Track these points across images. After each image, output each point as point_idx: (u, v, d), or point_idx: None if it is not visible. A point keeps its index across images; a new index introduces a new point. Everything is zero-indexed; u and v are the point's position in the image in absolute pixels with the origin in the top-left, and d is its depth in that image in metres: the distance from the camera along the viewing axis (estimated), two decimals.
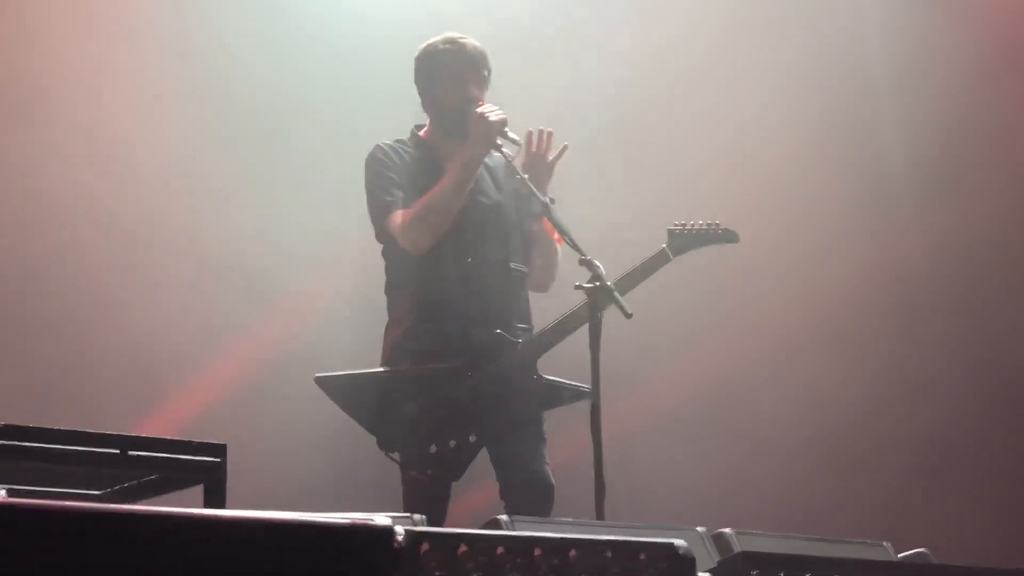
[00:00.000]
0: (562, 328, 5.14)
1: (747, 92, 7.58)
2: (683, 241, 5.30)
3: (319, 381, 5.14)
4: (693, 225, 5.33)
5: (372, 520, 1.74)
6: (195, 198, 7.00)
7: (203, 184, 7.02)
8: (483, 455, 5.18)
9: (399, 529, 2.35)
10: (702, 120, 7.53)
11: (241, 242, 7.03)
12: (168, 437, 2.85)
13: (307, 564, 1.70)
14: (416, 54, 5.37)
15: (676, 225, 5.32)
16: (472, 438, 5.11)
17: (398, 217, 5.14)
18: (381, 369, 5.21)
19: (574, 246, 4.85)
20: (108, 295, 6.77)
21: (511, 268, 5.28)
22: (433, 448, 5.06)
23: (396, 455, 5.10)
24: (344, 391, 5.14)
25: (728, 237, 5.40)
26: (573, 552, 2.88)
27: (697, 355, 7.52)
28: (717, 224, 5.38)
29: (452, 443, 5.08)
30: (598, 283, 4.75)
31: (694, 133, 7.49)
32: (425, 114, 5.37)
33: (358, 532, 1.73)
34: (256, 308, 7.04)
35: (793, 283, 7.55)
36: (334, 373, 5.18)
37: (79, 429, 2.71)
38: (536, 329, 5.27)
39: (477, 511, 5.49)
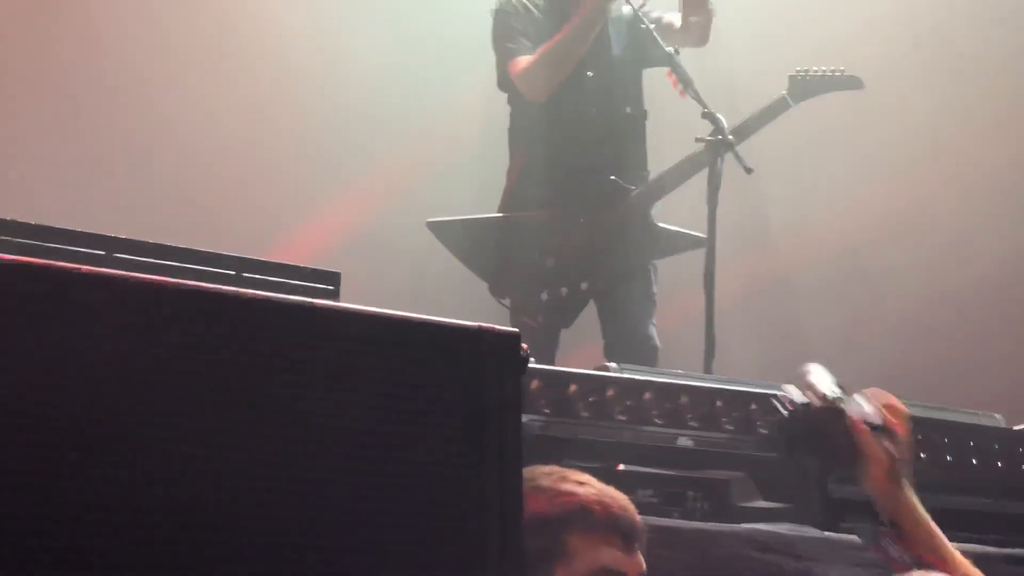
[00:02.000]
0: (677, 175, 5.07)
1: None
2: (804, 86, 5.15)
3: (431, 226, 5.16)
4: (815, 71, 5.17)
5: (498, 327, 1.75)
6: (323, 38, 6.97)
7: (327, 24, 6.98)
8: (593, 310, 5.16)
9: None
10: None
11: (367, 83, 7.00)
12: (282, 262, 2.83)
13: (435, 361, 1.71)
14: None
15: (798, 71, 5.17)
16: (584, 286, 5.09)
17: (520, 63, 5.11)
18: (493, 215, 5.20)
19: (697, 98, 4.80)
20: (230, 130, 6.79)
21: (627, 115, 5.23)
22: (544, 295, 5.06)
23: (507, 301, 5.10)
24: (456, 236, 5.16)
25: (851, 83, 5.22)
26: (684, 398, 2.87)
27: (816, 216, 7.39)
28: (841, 70, 5.20)
29: (563, 290, 5.07)
30: (720, 136, 4.70)
31: None
32: None
33: (486, 334, 1.72)
34: (380, 149, 7.02)
35: (922, 140, 7.34)
36: (446, 218, 5.19)
37: (195, 247, 2.70)
38: (652, 175, 5.20)
39: (583, 363, 5.48)
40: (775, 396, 2.94)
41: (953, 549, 2.49)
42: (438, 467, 1.72)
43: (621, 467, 2.81)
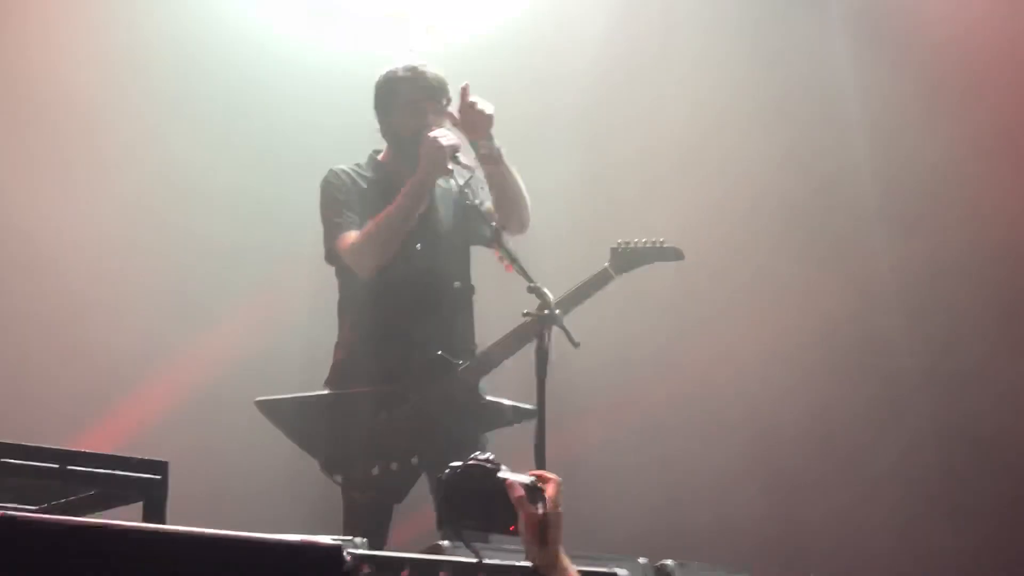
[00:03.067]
0: (504, 348, 5.12)
1: (713, 117, 7.58)
2: (626, 259, 5.25)
3: (260, 405, 5.13)
4: (636, 242, 5.27)
5: (322, 540, 1.72)
6: (140, 213, 6.93)
7: (148, 200, 6.95)
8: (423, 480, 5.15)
9: (326, 541, 2.33)
10: (661, 141, 7.53)
11: (190, 258, 6.97)
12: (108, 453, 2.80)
13: None
14: (376, 80, 5.36)
15: (619, 243, 5.27)
16: (414, 460, 5.09)
17: (348, 238, 5.14)
18: (321, 392, 5.19)
19: (523, 273, 4.85)
20: (49, 310, 6.69)
21: (455, 287, 5.29)
22: (376, 470, 5.04)
23: (338, 478, 5.07)
24: (285, 414, 5.13)
25: (673, 255, 5.33)
26: None
27: (641, 383, 7.51)
28: (662, 241, 5.31)
29: (394, 465, 5.06)
30: (546, 311, 4.75)
31: (653, 153, 7.48)
32: (384, 139, 5.37)
33: (308, 550, 1.70)
34: (204, 325, 6.98)
35: (747, 309, 7.53)
36: (274, 397, 5.16)
37: (15, 442, 2.66)
38: (481, 348, 5.24)
39: (417, 536, 5.45)
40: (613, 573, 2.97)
41: None
42: None
43: None
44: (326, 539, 2.20)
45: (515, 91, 6.97)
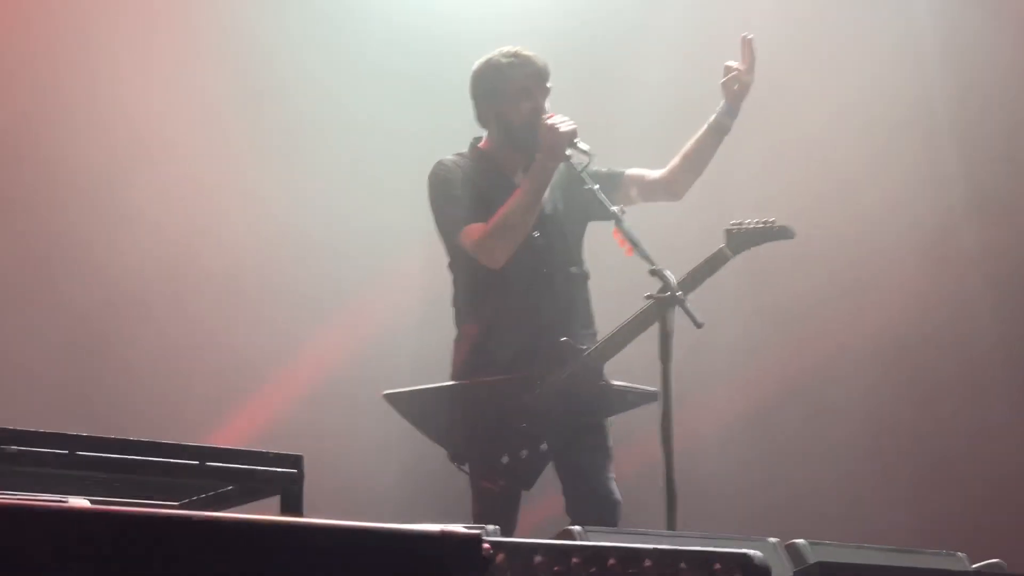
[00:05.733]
0: (628, 333, 5.12)
1: (812, 106, 7.53)
2: (740, 240, 5.24)
3: (389, 398, 5.18)
4: (749, 223, 5.27)
5: (460, 528, 1.75)
6: (258, 209, 7.05)
7: (263, 195, 7.07)
8: (551, 467, 5.19)
9: (459, 529, 2.37)
10: (762, 124, 7.48)
11: (308, 253, 7.07)
12: (244, 448, 2.86)
13: (397, 571, 1.71)
14: (475, 68, 5.35)
15: (732, 224, 5.27)
16: (543, 447, 5.11)
17: (472, 232, 5.14)
18: (449, 383, 5.23)
19: (645, 256, 4.86)
20: (180, 312, 6.84)
21: (571, 273, 5.30)
22: (505, 459, 5.08)
23: (466, 467, 5.12)
24: (414, 407, 5.18)
25: (784, 234, 5.31)
26: (648, 562, 2.88)
27: (768, 361, 7.49)
28: (772, 221, 5.30)
29: (523, 453, 5.09)
30: (668, 293, 4.76)
31: (754, 137, 7.43)
32: (481, 127, 5.38)
33: (447, 540, 1.73)
34: (324, 320, 7.08)
35: (859, 291, 7.49)
36: (403, 390, 5.21)
37: (156, 440, 2.73)
38: (600, 332, 5.27)
39: (544, 523, 5.50)
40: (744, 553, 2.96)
41: None
42: None
43: None
44: (460, 528, 2.23)
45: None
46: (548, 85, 5.25)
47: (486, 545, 1.74)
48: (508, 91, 5.24)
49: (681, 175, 5.36)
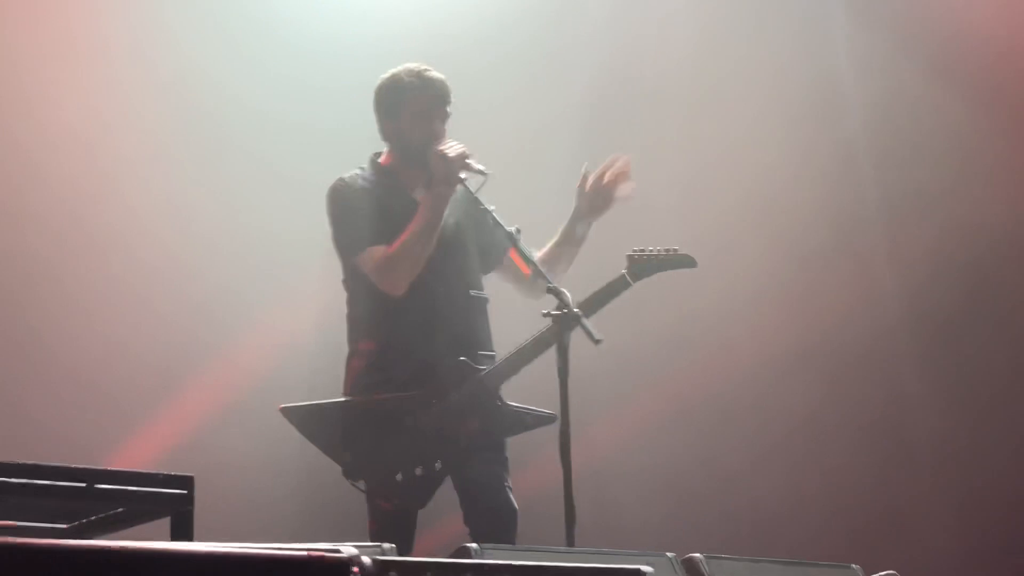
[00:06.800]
0: (526, 354, 5.14)
1: (721, 116, 7.60)
2: (641, 267, 5.29)
3: (285, 412, 5.15)
4: (651, 251, 5.32)
5: (334, 551, 1.74)
6: (154, 225, 6.98)
7: (168, 201, 7.00)
8: (448, 484, 5.19)
9: (365, 560, 2.35)
10: (668, 144, 7.54)
11: (205, 275, 7.00)
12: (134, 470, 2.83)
13: None
14: (379, 83, 5.34)
15: (635, 251, 5.32)
16: (437, 465, 5.11)
17: (373, 256, 5.13)
18: (346, 399, 5.21)
19: (541, 275, 4.89)
20: (69, 330, 6.74)
21: (471, 296, 5.29)
22: (399, 476, 5.07)
23: (361, 484, 5.10)
24: (309, 421, 5.14)
25: (685, 262, 5.37)
26: None
27: (666, 382, 7.52)
28: (675, 249, 5.36)
29: (418, 471, 5.08)
30: (565, 310, 4.79)
31: (661, 157, 7.49)
32: (383, 140, 5.36)
33: (313, 564, 1.72)
34: (218, 342, 7.01)
35: (764, 308, 7.55)
36: (299, 404, 5.18)
37: (43, 463, 2.69)
38: (499, 355, 5.27)
39: (445, 541, 5.49)
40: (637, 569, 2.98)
41: None
42: None
43: None
44: (348, 547, 2.22)
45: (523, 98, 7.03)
46: (447, 108, 5.25)
47: (355, 569, 1.73)
48: (407, 112, 5.24)
49: (537, 285, 5.24)
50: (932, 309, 7.50)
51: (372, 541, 4.60)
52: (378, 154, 5.37)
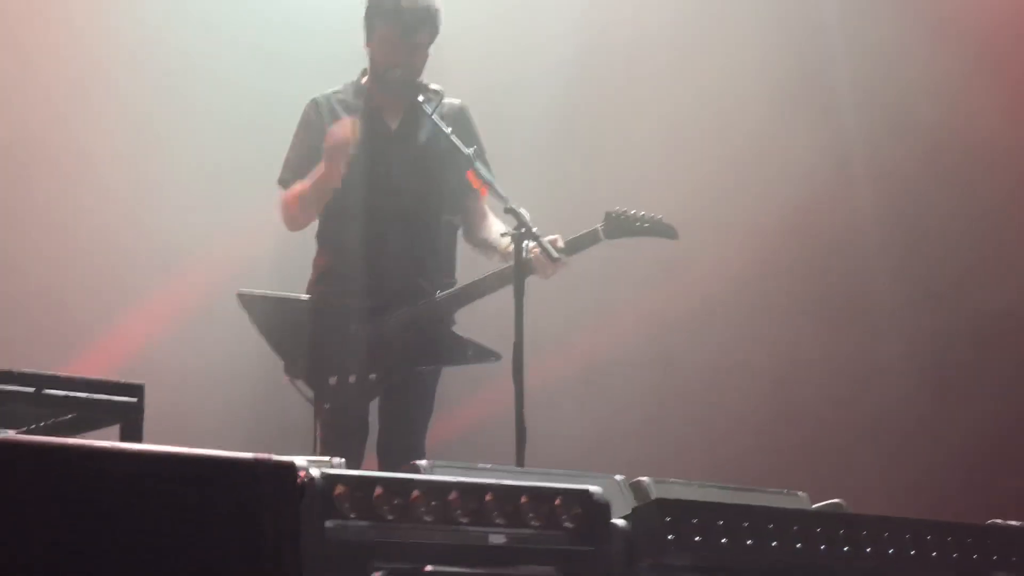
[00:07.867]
0: (485, 285, 5.16)
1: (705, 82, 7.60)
2: (618, 225, 5.18)
3: (242, 298, 5.20)
4: (634, 213, 5.22)
5: (275, 457, 1.76)
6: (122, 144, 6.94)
7: (125, 133, 6.96)
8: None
9: (314, 471, 2.36)
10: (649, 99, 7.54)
11: (160, 177, 6.98)
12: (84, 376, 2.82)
13: (212, 495, 1.72)
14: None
15: (616, 210, 5.21)
16: (372, 376, 5.13)
17: (283, 194, 5.29)
18: (300, 296, 5.26)
19: (498, 195, 4.88)
20: (28, 234, 6.71)
21: (438, 219, 5.31)
22: (333, 380, 5.10)
23: (300, 383, 5.13)
24: (262, 312, 5.21)
25: (665, 232, 5.28)
26: (489, 496, 2.91)
27: (623, 311, 7.55)
28: (658, 218, 5.28)
29: (351, 378, 5.11)
30: (523, 229, 4.79)
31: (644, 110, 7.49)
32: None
33: (260, 467, 1.74)
34: (182, 241, 6.99)
35: (717, 247, 7.57)
36: (256, 292, 5.24)
37: None
38: (460, 283, 5.28)
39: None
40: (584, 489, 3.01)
41: None
42: None
43: (429, 568, 2.83)
44: (301, 459, 2.23)
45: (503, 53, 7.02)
46: (420, 39, 5.18)
47: (301, 473, 1.74)
48: (376, 36, 5.24)
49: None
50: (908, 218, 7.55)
51: (323, 455, 4.62)
52: (364, 71, 5.37)
